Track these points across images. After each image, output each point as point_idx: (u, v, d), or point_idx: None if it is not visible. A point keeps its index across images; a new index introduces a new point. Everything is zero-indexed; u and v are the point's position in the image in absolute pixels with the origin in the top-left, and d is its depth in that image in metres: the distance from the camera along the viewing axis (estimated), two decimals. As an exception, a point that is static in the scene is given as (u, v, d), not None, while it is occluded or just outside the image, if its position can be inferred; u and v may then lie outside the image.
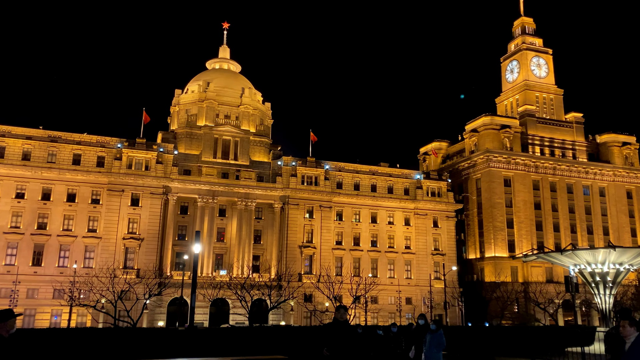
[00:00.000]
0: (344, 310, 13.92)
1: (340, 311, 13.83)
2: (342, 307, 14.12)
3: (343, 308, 14.04)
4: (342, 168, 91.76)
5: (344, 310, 13.98)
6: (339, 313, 13.83)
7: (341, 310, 13.89)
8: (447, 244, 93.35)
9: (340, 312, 13.81)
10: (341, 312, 13.82)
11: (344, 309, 14.03)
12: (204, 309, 74.35)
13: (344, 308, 14.08)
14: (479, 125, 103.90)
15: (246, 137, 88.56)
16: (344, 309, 14.00)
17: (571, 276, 40.33)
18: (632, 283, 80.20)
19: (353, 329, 14.51)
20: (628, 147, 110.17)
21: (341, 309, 13.92)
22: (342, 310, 13.89)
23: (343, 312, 13.89)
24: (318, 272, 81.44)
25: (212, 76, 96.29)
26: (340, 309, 13.91)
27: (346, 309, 14.09)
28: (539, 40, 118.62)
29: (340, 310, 13.85)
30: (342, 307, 14.04)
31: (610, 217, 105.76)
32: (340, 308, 13.92)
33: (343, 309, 13.98)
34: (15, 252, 72.47)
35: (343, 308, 14.04)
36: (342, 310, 13.89)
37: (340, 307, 13.99)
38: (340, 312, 13.81)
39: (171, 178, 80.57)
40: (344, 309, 14.00)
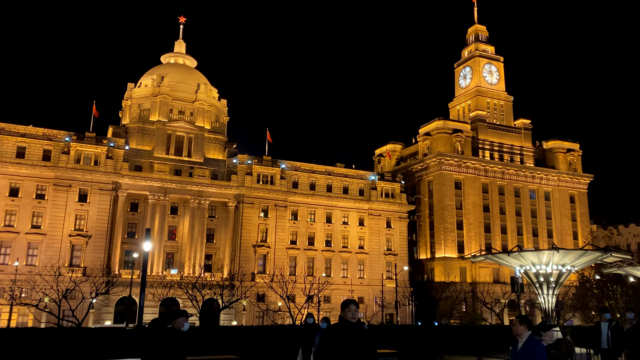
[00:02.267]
0: (355, 307, 9.53)
1: (351, 308, 9.45)
2: (352, 301, 9.63)
3: (354, 304, 9.58)
4: (299, 168, 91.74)
5: (356, 306, 9.57)
6: (350, 311, 9.43)
7: (352, 306, 9.48)
8: (400, 244, 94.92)
9: (352, 310, 9.43)
10: (352, 310, 9.44)
11: (355, 304, 9.58)
12: (153, 308, 72.55)
13: (354, 304, 9.60)
14: (432, 129, 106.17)
15: (201, 134, 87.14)
16: (355, 305, 9.58)
17: (517, 277, 41.75)
18: (573, 284, 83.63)
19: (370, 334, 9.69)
20: (572, 153, 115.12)
21: (352, 305, 9.51)
22: (354, 307, 9.50)
23: (355, 310, 9.49)
24: (272, 271, 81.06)
25: (166, 70, 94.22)
26: (351, 305, 9.50)
27: (357, 305, 9.71)
28: (491, 48, 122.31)
29: (351, 307, 9.46)
30: (352, 302, 9.58)
31: (554, 221, 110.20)
32: (350, 303, 9.54)
33: (354, 305, 9.56)
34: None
35: (354, 304, 9.58)
36: (354, 307, 9.50)
37: (350, 303, 9.57)
38: (352, 310, 9.43)
39: (121, 174, 78.31)
40: (355, 305, 9.58)
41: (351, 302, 9.62)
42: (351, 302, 9.62)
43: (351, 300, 9.69)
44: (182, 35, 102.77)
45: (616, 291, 77.57)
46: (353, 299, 11.29)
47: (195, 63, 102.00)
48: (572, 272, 30.73)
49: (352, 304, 9.52)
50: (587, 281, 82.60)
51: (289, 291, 67.14)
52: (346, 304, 9.56)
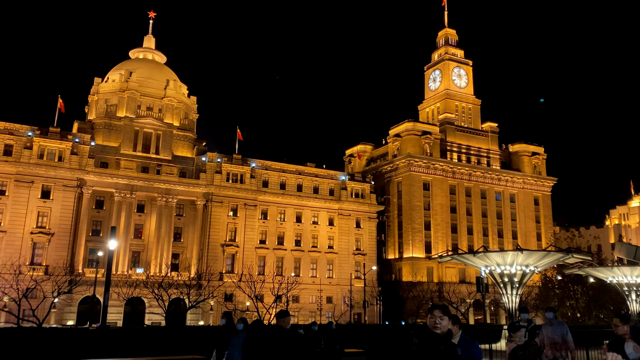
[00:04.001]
0: (288, 318, 11.24)
1: (286, 320, 11.12)
2: (287, 313, 11.31)
3: (288, 316, 11.25)
4: (269, 167, 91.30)
5: (287, 316, 11.24)
6: (286, 322, 11.10)
7: (287, 318, 11.15)
8: (369, 244, 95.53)
9: (287, 322, 11.10)
10: (287, 322, 11.11)
11: (288, 316, 11.26)
12: (118, 308, 71.19)
13: (287, 315, 11.27)
14: (402, 131, 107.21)
15: (169, 131, 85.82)
16: (288, 316, 11.26)
17: (482, 277, 42.57)
18: (536, 284, 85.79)
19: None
20: (537, 157, 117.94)
21: (287, 318, 11.20)
22: (288, 319, 11.19)
23: (288, 321, 11.20)
24: (240, 271, 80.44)
25: (135, 66, 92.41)
26: (287, 318, 11.18)
27: (288, 315, 11.39)
28: (460, 52, 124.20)
29: (287, 319, 11.12)
30: (287, 315, 11.26)
31: (519, 222, 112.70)
32: (286, 315, 11.19)
33: (288, 317, 11.26)
34: None
35: (288, 316, 11.25)
36: (288, 319, 11.19)
37: (286, 315, 11.21)
38: (287, 322, 11.10)
39: (87, 170, 76.45)
40: (288, 316, 11.26)
41: (286, 314, 11.29)
42: (286, 314, 11.29)
43: (287, 312, 11.35)
44: (151, 30, 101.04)
45: (577, 291, 79.90)
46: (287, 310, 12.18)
47: (165, 59, 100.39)
48: (535, 273, 31.47)
49: (288, 316, 11.20)
50: (549, 281, 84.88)
51: (257, 291, 66.83)
52: (283, 314, 11.25)
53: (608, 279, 37.94)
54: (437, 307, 7.47)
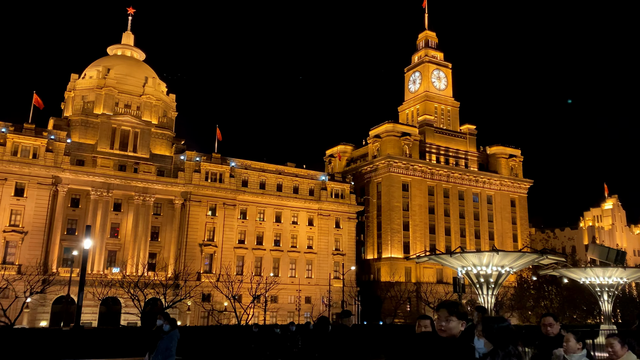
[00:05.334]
0: (255, 327, 12.92)
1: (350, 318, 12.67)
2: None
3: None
4: (248, 166, 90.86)
5: (256, 327, 13.02)
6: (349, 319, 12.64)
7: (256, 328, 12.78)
8: (348, 244, 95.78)
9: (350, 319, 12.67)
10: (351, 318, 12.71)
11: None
12: (93, 308, 70.13)
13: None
14: (382, 132, 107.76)
15: (147, 129, 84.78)
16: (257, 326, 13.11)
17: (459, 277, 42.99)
18: (512, 284, 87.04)
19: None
20: (514, 159, 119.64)
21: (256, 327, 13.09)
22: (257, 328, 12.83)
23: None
24: (218, 271, 79.91)
25: (113, 62, 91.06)
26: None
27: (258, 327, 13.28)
28: (440, 54, 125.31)
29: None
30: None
31: (495, 223, 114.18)
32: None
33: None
34: None
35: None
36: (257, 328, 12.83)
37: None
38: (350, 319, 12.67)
39: (62, 168, 75.08)
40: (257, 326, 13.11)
41: (349, 313, 12.68)
42: (349, 313, 12.68)
43: (349, 312, 12.77)
44: (130, 27, 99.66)
45: (551, 292, 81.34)
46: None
47: (144, 56, 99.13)
48: (510, 273, 31.93)
49: (351, 316, 12.64)
50: (525, 282, 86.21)
51: (235, 291, 66.47)
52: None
53: (581, 280, 38.69)
54: (443, 306, 5.95)
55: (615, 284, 36.52)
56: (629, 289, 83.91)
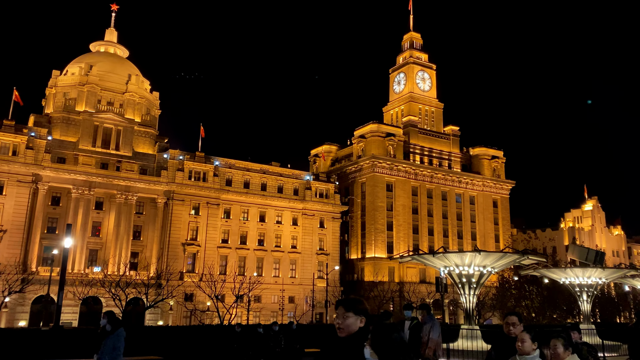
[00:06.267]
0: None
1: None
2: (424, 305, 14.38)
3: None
4: (233, 165, 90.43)
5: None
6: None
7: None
8: (332, 244, 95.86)
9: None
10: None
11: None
12: (73, 307, 69.24)
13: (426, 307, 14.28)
14: (367, 132, 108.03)
15: (130, 127, 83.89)
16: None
17: (441, 277, 43.31)
18: (493, 284, 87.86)
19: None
20: (496, 160, 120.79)
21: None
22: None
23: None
24: (201, 270, 79.44)
25: (96, 59, 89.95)
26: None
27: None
28: (424, 56, 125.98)
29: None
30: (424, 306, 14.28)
31: (478, 224, 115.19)
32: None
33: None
34: None
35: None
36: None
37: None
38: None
39: (43, 166, 73.95)
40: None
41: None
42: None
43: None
44: (113, 23, 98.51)
45: (532, 292, 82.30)
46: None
47: (127, 53, 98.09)
48: (492, 274, 32.19)
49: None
50: (506, 282, 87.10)
51: (218, 291, 66.12)
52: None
53: (561, 280, 39.17)
54: (340, 303, 6.02)
55: (594, 284, 37.06)
56: (607, 289, 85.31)
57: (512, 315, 8.95)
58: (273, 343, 24.31)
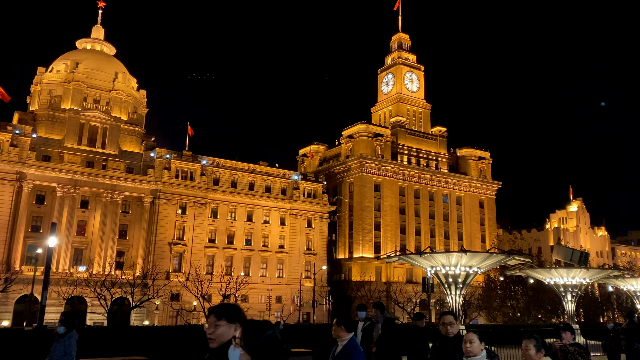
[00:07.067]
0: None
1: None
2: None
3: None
4: (220, 164, 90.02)
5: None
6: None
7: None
8: (320, 244, 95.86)
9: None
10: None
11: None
12: (57, 307, 68.31)
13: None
14: (355, 132, 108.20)
15: (116, 125, 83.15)
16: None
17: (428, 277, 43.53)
18: (479, 284, 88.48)
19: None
20: (483, 161, 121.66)
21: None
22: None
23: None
24: (188, 270, 78.99)
25: (82, 56, 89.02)
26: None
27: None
28: (412, 57, 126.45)
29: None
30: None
31: (464, 224, 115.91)
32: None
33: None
34: None
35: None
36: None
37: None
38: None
39: (27, 164, 73.01)
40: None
41: (422, 316, 14.02)
42: (422, 316, 14.02)
43: (423, 315, 14.25)
44: (100, 20, 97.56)
45: (517, 292, 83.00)
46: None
47: (114, 50, 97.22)
48: (478, 274, 32.46)
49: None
50: (492, 282, 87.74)
51: (205, 290, 65.83)
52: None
53: (546, 280, 39.60)
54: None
55: (579, 285, 37.51)
56: (591, 289, 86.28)
57: (448, 315, 8.67)
58: (260, 343, 24.21)
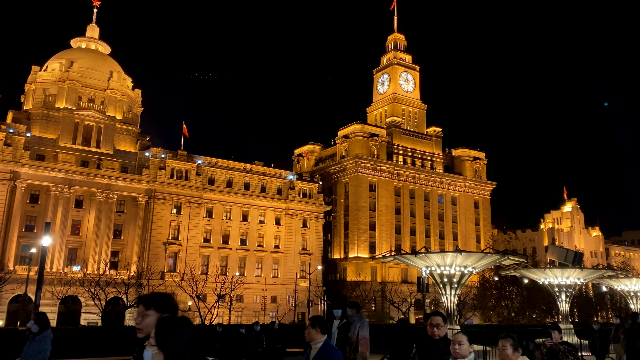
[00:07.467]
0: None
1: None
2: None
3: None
4: (215, 164, 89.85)
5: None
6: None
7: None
8: (315, 244, 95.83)
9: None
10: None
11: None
12: (51, 307, 68.09)
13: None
14: (350, 132, 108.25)
15: (111, 124, 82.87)
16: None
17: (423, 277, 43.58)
18: (474, 284, 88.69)
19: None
20: (478, 161, 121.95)
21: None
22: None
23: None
24: (183, 270, 78.81)
25: (77, 55, 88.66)
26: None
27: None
28: (408, 57, 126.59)
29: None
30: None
31: (459, 224, 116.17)
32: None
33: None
34: None
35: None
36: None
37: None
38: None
39: (21, 163, 72.66)
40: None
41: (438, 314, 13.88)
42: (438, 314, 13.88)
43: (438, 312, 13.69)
44: (95, 19, 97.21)
45: (512, 292, 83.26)
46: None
47: (109, 50, 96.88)
48: (473, 274, 32.46)
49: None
50: (487, 282, 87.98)
51: (200, 290, 65.67)
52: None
53: (541, 280, 39.69)
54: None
55: (573, 285, 37.62)
56: (585, 289, 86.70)
57: (437, 316, 8.31)
58: (255, 343, 24.21)
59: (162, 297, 4.51)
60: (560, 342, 9.60)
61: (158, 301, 4.52)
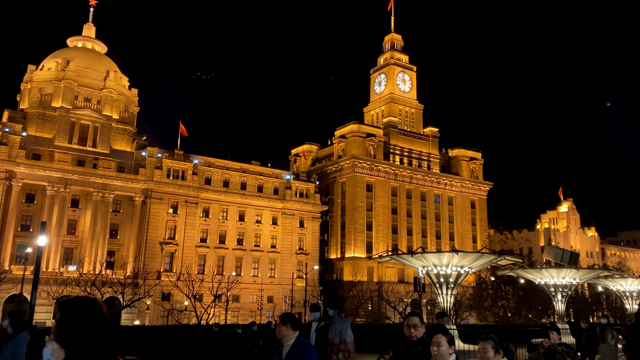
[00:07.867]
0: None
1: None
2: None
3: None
4: (212, 164, 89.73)
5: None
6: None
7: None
8: (312, 243, 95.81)
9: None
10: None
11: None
12: (47, 307, 67.91)
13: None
14: (348, 132, 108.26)
15: (108, 124, 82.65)
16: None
17: (419, 277, 43.62)
18: (470, 284, 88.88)
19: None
20: (474, 161, 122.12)
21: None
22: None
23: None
24: (179, 270, 78.67)
25: (73, 54, 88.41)
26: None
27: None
28: (405, 57, 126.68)
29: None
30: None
31: (456, 224, 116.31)
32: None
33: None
34: None
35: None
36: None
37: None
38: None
39: (17, 162, 72.39)
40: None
41: (445, 314, 13.49)
42: (445, 314, 13.49)
43: (445, 313, 13.51)
44: (91, 18, 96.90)
45: (508, 292, 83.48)
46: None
47: (106, 49, 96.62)
48: (469, 274, 32.55)
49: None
50: (483, 282, 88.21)
51: (196, 290, 65.56)
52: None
53: (537, 280, 39.80)
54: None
55: (569, 285, 37.74)
56: (581, 290, 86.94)
57: (414, 316, 8.10)
58: (251, 343, 24.19)
59: (83, 301, 3.70)
60: (558, 343, 9.57)
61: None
